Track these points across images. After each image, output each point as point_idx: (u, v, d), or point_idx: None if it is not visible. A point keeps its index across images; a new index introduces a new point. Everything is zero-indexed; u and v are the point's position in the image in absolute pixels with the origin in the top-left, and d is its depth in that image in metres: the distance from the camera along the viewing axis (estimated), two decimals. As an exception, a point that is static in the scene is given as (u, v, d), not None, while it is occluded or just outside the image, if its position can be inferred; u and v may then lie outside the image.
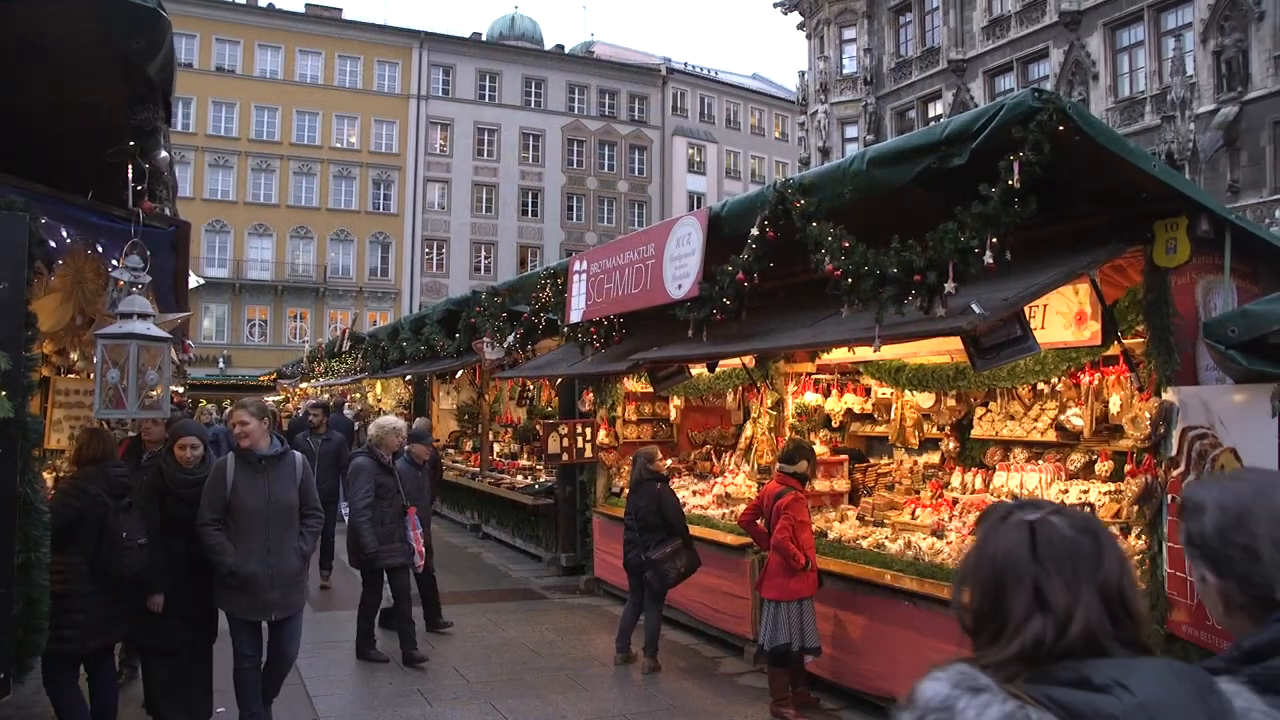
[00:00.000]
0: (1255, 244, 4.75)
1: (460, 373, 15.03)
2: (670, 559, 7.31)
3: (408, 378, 16.61)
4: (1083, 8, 26.73)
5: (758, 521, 6.64)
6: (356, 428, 15.10)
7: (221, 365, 41.65)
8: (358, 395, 21.04)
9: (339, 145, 46.55)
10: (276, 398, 28.85)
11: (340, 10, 48.69)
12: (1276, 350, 3.73)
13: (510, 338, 9.78)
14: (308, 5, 47.96)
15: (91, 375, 5.57)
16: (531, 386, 14.96)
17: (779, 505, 6.33)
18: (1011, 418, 7.72)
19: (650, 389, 9.31)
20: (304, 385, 25.80)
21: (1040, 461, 7.33)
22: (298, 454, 5.80)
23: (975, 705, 1.22)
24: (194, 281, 8.33)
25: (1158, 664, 1.28)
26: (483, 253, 49.28)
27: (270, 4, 46.96)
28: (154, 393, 4.60)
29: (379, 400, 19.83)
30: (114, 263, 4.68)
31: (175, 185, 6.45)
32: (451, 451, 17.28)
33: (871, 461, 9.12)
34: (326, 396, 18.93)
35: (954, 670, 1.29)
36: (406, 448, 8.21)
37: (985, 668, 1.28)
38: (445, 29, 49.66)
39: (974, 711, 1.22)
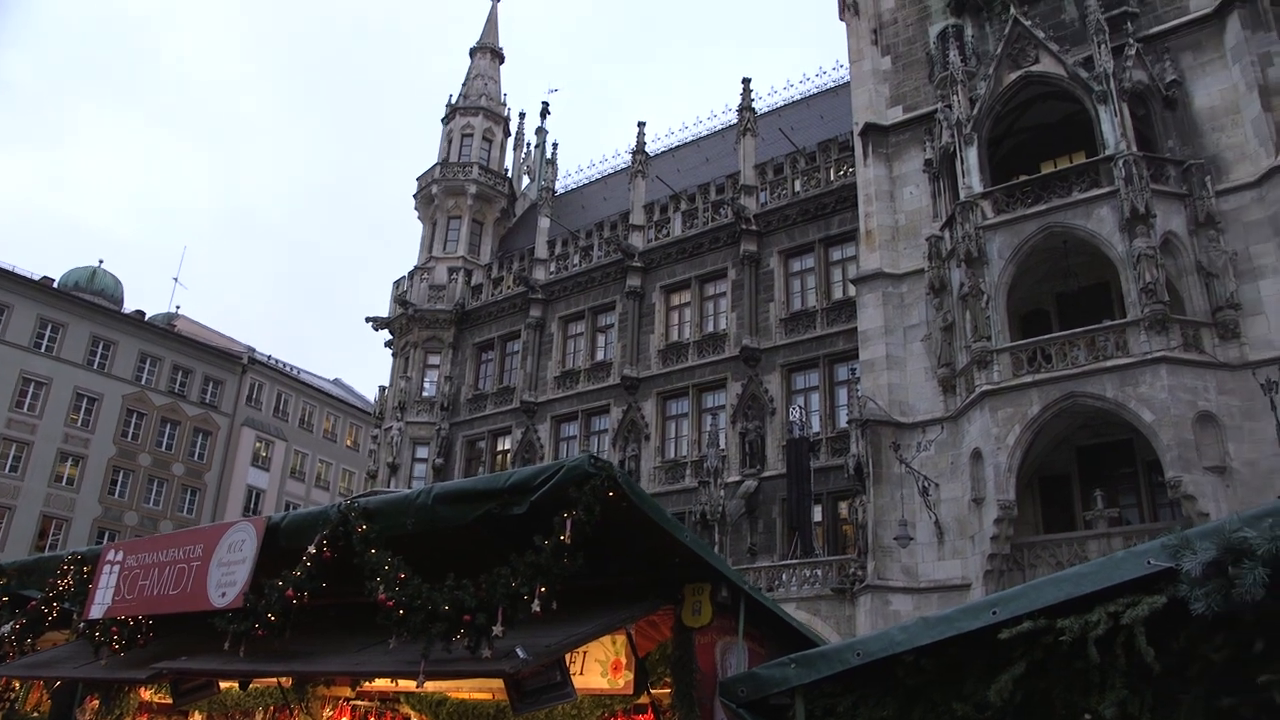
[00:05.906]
0: (764, 612, 5.38)
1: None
2: None
3: None
4: (640, 376, 30.38)
5: None
6: None
7: None
8: None
9: None
10: None
11: None
12: (777, 710, 4.15)
13: (7, 626, 8.29)
14: None
15: None
16: (19, 686, 12.54)
17: None
18: (549, 760, 7.72)
19: (170, 701, 8.23)
20: None
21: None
22: None
23: None
24: None
25: None
26: (-6, 518, 42.26)
27: None
28: None
29: None
30: None
31: None
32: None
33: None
34: None
35: None
36: None
37: None
38: (11, 264, 44.71)
39: None
